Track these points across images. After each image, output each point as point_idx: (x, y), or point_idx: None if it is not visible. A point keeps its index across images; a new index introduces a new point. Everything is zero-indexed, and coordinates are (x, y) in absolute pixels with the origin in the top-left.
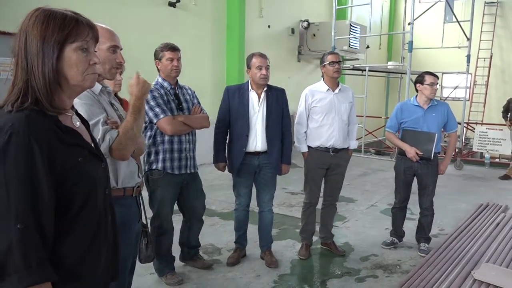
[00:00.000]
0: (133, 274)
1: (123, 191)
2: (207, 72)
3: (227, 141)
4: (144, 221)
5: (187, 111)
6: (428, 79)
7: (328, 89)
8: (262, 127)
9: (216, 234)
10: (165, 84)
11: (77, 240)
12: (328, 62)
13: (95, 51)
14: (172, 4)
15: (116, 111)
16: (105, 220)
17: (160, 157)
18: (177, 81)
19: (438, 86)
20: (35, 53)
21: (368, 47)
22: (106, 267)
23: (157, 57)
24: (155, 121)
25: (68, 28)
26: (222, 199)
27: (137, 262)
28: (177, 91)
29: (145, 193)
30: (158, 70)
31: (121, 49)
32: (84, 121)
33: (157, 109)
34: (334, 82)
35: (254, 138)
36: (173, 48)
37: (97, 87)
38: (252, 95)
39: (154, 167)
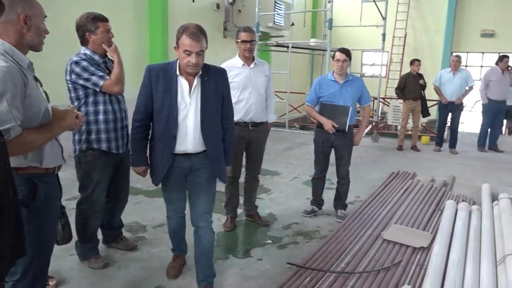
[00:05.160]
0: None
1: (46, 169)
2: (128, 49)
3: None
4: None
5: None
6: (336, 55)
7: (243, 64)
8: (195, 124)
9: (141, 212)
10: (96, 57)
11: None
12: (240, 40)
13: None
14: None
15: (41, 87)
16: (6, 195)
17: (94, 136)
18: (105, 53)
19: (346, 63)
20: None
21: (293, 24)
22: (8, 242)
23: (87, 28)
24: (101, 83)
25: None
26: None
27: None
28: (108, 65)
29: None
30: (85, 42)
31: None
32: None
33: (100, 73)
34: (248, 58)
35: (184, 139)
36: (106, 19)
37: (25, 60)
38: (182, 81)
39: (88, 146)
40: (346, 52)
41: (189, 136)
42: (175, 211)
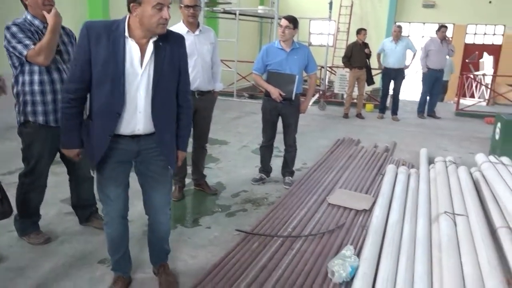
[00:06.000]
0: None
1: None
2: (64, 11)
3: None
4: None
5: (66, 55)
6: (280, 22)
7: (188, 31)
8: (147, 100)
9: None
10: (36, 22)
11: None
12: (184, 5)
13: None
14: None
15: None
16: None
17: (29, 108)
18: None
19: (288, 29)
20: None
21: None
22: None
23: None
24: (25, 52)
25: None
26: None
27: None
28: None
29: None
30: (26, 6)
31: None
32: None
33: (27, 41)
34: (193, 24)
35: (133, 117)
36: None
37: None
38: (132, 46)
39: (25, 119)
40: (289, 19)
41: (139, 114)
42: (114, 213)
